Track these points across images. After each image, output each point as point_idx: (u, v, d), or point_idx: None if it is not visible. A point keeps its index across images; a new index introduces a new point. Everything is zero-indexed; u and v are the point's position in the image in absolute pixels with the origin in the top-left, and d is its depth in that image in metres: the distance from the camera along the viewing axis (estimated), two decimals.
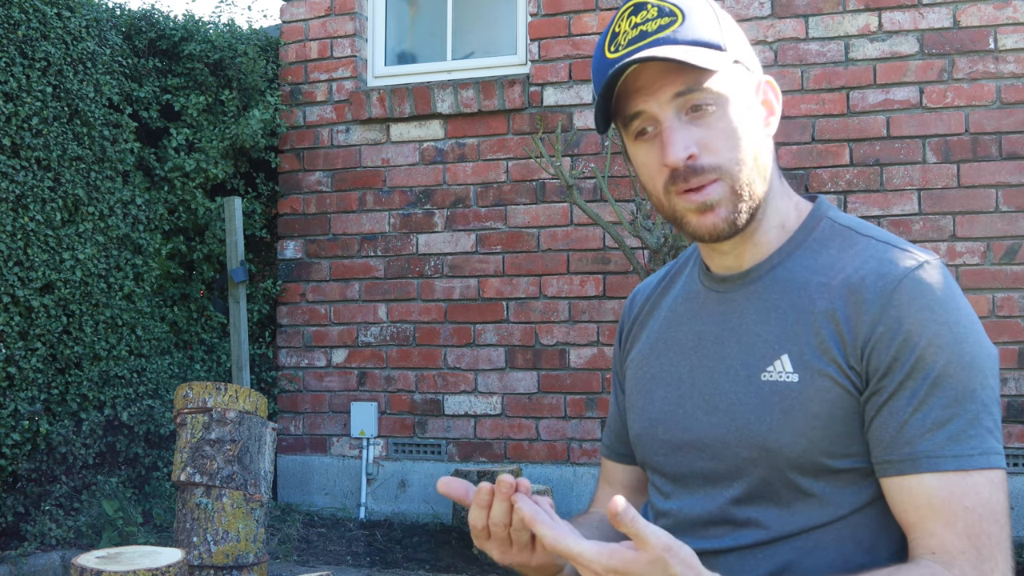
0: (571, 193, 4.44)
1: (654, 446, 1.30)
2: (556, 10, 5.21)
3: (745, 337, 1.23)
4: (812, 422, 1.16)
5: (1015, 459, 4.48)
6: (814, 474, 1.16)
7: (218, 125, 5.35)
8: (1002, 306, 4.49)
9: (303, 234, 5.64)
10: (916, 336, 1.12)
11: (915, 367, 1.12)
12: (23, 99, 4.33)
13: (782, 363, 1.18)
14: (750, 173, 1.20)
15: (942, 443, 1.11)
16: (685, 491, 1.26)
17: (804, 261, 1.23)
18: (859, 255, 1.19)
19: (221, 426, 3.78)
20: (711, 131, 1.18)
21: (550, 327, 5.13)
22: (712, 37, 1.18)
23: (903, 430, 1.12)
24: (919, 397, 1.12)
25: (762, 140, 1.22)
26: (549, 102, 5.19)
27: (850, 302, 1.16)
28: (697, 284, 1.32)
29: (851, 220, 1.26)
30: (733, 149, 1.18)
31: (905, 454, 1.12)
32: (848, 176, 4.73)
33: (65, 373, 4.56)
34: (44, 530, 4.25)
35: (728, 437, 1.20)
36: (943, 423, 1.12)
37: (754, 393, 1.19)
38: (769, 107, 1.25)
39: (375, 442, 5.40)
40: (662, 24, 1.17)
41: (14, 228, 4.29)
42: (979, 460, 1.11)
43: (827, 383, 1.15)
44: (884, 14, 4.70)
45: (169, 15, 5.50)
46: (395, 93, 5.43)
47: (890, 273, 1.15)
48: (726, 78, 1.19)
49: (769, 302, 1.22)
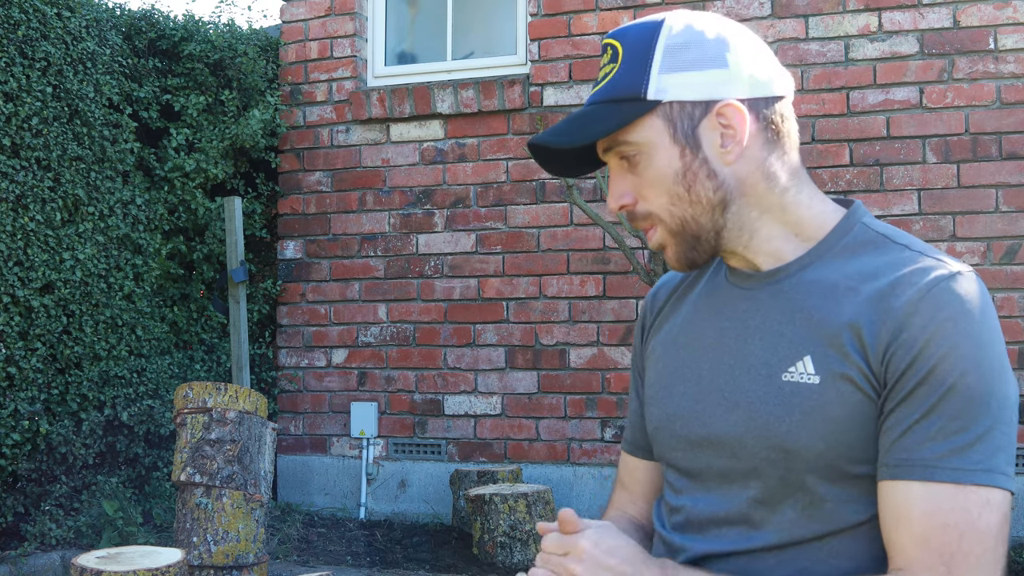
0: (571, 193, 4.44)
1: (671, 441, 1.29)
2: (556, 10, 5.21)
3: (768, 336, 1.22)
4: (831, 425, 1.14)
5: (1015, 459, 4.47)
6: (831, 478, 1.15)
7: (218, 125, 5.35)
8: (1002, 306, 4.49)
9: (303, 234, 5.64)
10: (936, 345, 1.10)
11: (930, 374, 1.10)
12: (23, 99, 4.33)
13: (804, 364, 1.17)
14: (686, 211, 1.23)
15: (943, 454, 1.09)
16: (700, 488, 1.25)
17: (834, 265, 1.21)
18: (892, 264, 1.18)
19: (221, 426, 3.78)
20: (641, 179, 1.24)
21: (550, 327, 5.13)
22: (633, 86, 1.21)
23: (906, 435, 1.10)
24: (929, 404, 1.10)
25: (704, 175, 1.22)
26: (549, 102, 5.19)
27: (877, 308, 1.14)
28: (722, 280, 1.32)
29: (886, 228, 1.24)
30: (661, 195, 1.23)
31: (901, 459, 1.10)
32: (848, 176, 4.73)
33: (65, 373, 4.56)
34: (44, 530, 4.25)
35: (746, 436, 1.19)
36: (949, 433, 1.09)
37: (775, 393, 1.18)
38: (732, 132, 1.21)
39: (375, 442, 5.40)
40: (606, 72, 1.24)
41: (14, 228, 4.29)
42: (979, 476, 1.07)
43: (848, 387, 1.14)
44: (884, 14, 4.70)
45: (169, 15, 5.50)
46: (395, 93, 5.43)
47: (920, 282, 1.13)
48: (647, 125, 1.21)
49: (795, 303, 1.21)
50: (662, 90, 1.20)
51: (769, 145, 1.24)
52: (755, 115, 1.22)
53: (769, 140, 1.24)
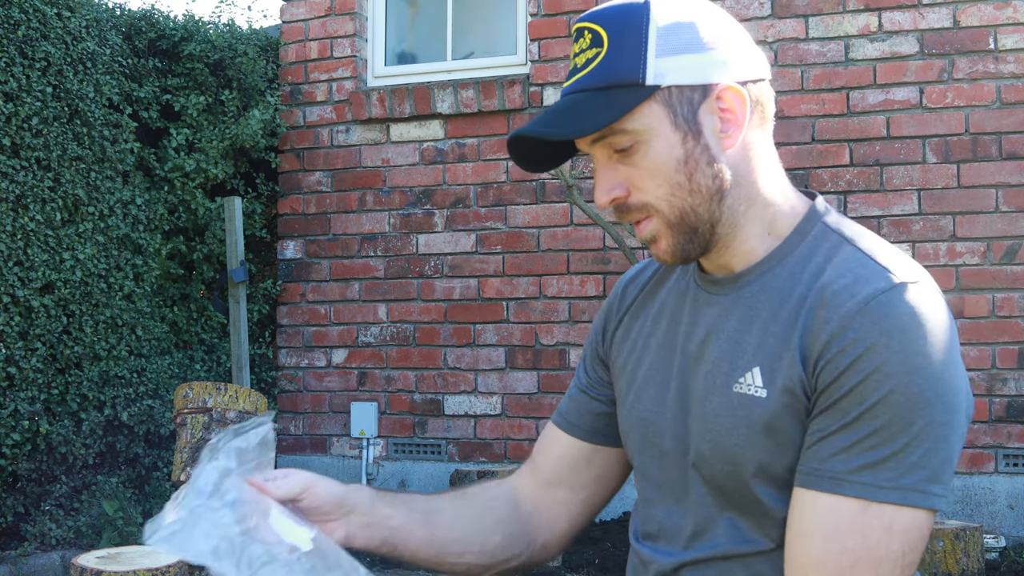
0: (571, 193, 4.44)
1: (642, 446, 1.28)
2: (556, 10, 5.21)
3: (725, 344, 1.19)
4: (777, 438, 1.12)
5: (1015, 459, 4.48)
6: (780, 491, 1.13)
7: (218, 125, 5.35)
8: (1002, 306, 4.49)
9: (303, 234, 5.64)
10: (865, 361, 1.06)
11: (854, 389, 1.06)
12: (23, 99, 4.33)
13: (753, 376, 1.15)
14: (686, 201, 1.16)
15: (853, 468, 1.05)
16: (669, 498, 1.24)
17: (792, 269, 1.18)
18: (838, 267, 1.14)
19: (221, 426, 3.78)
20: (637, 169, 1.16)
21: (550, 327, 5.13)
22: (629, 71, 1.14)
23: (821, 444, 1.08)
24: (850, 417, 1.07)
25: (706, 163, 1.17)
26: (549, 102, 5.19)
27: (816, 316, 1.11)
28: (691, 281, 1.29)
29: (843, 225, 1.21)
30: (660, 186, 1.16)
31: (813, 468, 1.08)
32: (848, 176, 4.73)
33: (65, 373, 4.56)
34: (44, 530, 4.25)
35: (703, 447, 1.18)
36: (863, 449, 1.05)
37: (725, 404, 1.16)
38: (732, 118, 1.18)
39: (375, 442, 5.40)
40: (588, 58, 1.17)
41: (14, 228, 4.29)
42: (888, 494, 1.04)
43: (790, 399, 1.11)
44: (884, 14, 4.70)
45: (169, 15, 5.50)
46: (395, 93, 5.43)
47: (859, 293, 1.10)
48: (646, 112, 1.15)
49: (754, 310, 1.19)
50: (661, 74, 1.14)
51: (756, 130, 1.20)
52: (749, 98, 1.18)
53: (756, 125, 1.20)
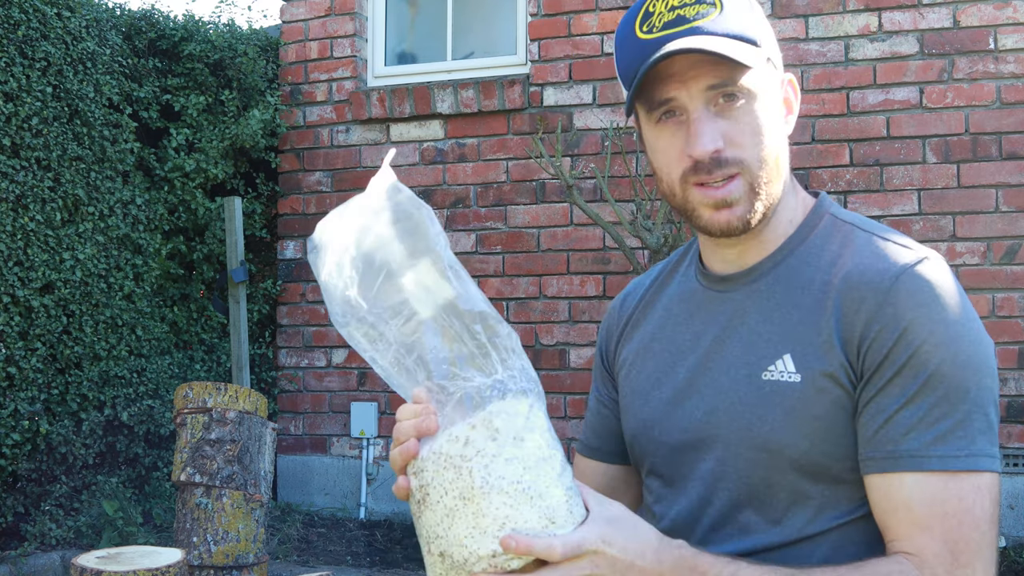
0: (571, 193, 4.44)
1: (650, 447, 1.28)
2: (556, 10, 5.21)
3: (746, 336, 1.20)
4: (814, 423, 1.14)
5: (1015, 459, 4.47)
6: (815, 477, 1.15)
7: (218, 125, 5.35)
8: (1002, 306, 4.49)
9: (303, 234, 5.63)
10: (911, 334, 1.10)
11: (908, 364, 1.10)
12: (23, 99, 4.33)
13: (784, 363, 1.16)
14: (770, 172, 1.18)
15: (928, 442, 1.09)
16: (682, 494, 1.24)
17: (807, 258, 1.21)
18: (858, 251, 1.17)
19: (221, 426, 3.78)
20: (738, 125, 1.16)
21: (550, 327, 5.13)
22: (748, 31, 1.16)
23: (888, 426, 1.10)
24: (909, 394, 1.10)
25: (782, 139, 1.21)
26: (549, 102, 5.19)
27: (848, 299, 1.14)
28: (694, 283, 1.30)
29: (852, 216, 1.24)
30: (757, 146, 1.17)
31: (888, 451, 1.10)
32: (848, 176, 4.73)
33: (65, 373, 4.56)
34: (44, 530, 4.25)
35: (730, 437, 1.18)
36: (931, 422, 1.09)
37: (755, 392, 1.17)
38: (788, 105, 1.24)
39: (375, 442, 5.40)
40: (700, 11, 1.15)
41: (14, 228, 4.29)
42: (965, 462, 1.08)
43: (829, 383, 1.13)
44: (884, 14, 4.70)
45: (169, 15, 5.50)
46: (395, 93, 5.43)
47: (888, 269, 1.13)
48: (758, 74, 1.17)
49: (772, 300, 1.20)
50: (766, 45, 1.19)
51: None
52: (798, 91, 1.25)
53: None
